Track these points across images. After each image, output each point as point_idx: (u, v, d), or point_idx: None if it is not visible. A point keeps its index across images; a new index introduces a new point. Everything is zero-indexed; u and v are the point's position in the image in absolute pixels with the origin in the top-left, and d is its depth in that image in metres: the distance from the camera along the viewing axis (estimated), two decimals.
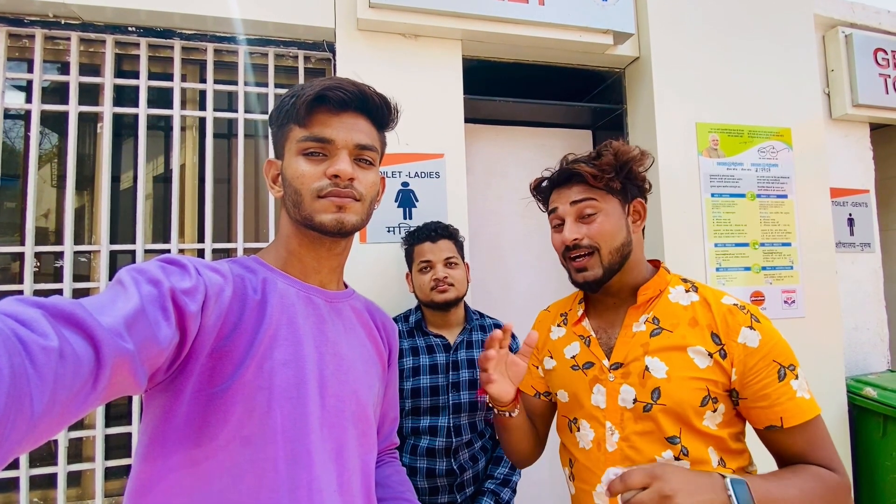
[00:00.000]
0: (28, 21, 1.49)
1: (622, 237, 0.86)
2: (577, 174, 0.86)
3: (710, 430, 0.79)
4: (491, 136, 2.16)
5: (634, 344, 0.85)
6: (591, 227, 0.85)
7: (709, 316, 0.82)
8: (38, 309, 0.40)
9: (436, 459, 1.26)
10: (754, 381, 0.77)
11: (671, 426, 0.79)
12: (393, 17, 1.62)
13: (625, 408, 0.82)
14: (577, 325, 0.95)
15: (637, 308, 0.87)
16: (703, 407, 0.78)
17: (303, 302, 0.70)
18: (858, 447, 1.96)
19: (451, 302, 1.33)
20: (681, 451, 0.78)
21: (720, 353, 0.79)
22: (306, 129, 0.68)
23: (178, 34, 1.60)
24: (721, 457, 0.80)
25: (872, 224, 2.31)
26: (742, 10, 2.01)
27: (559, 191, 0.90)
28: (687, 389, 0.78)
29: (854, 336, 2.20)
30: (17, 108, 1.50)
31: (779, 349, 0.78)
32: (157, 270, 0.54)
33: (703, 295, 0.86)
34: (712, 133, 1.92)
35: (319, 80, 0.69)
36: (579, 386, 0.89)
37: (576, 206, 0.86)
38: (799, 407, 0.76)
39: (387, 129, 0.77)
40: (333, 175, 0.66)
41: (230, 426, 0.59)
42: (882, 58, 2.29)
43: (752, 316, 0.81)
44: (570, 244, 0.86)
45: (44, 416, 0.37)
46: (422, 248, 1.36)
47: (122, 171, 1.63)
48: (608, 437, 0.83)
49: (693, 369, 0.79)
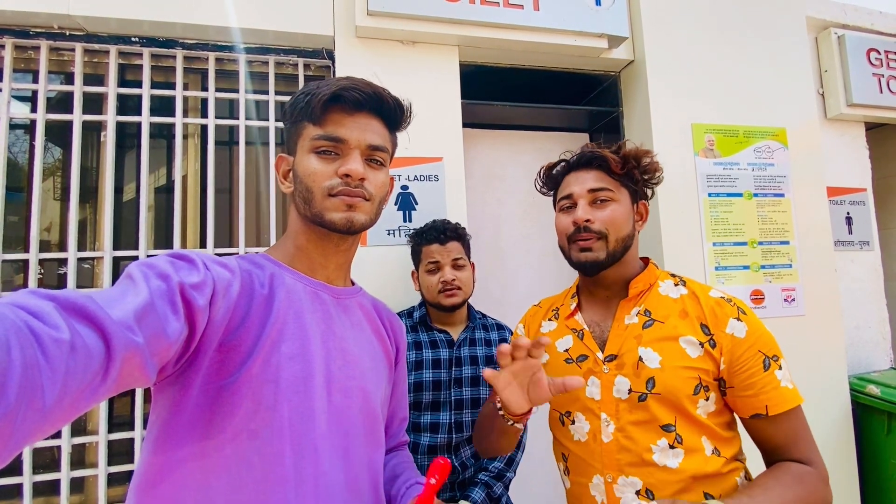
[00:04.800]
0: (33, 32, 1.52)
1: (628, 229, 0.89)
2: (600, 158, 0.89)
3: (703, 419, 0.81)
4: (489, 141, 2.18)
5: (628, 336, 0.86)
6: (604, 213, 0.87)
7: (697, 308, 0.85)
8: (50, 301, 0.41)
9: (437, 456, 1.26)
10: (741, 370, 0.80)
11: (666, 414, 0.81)
12: (391, 24, 1.65)
13: (620, 399, 0.84)
14: (570, 319, 0.96)
15: (629, 301, 0.90)
16: (696, 395, 0.81)
17: (310, 297, 0.71)
18: (863, 446, 1.95)
19: (458, 305, 1.34)
20: (675, 439, 0.80)
21: (710, 343, 0.82)
22: (320, 128, 0.69)
23: (181, 44, 1.63)
24: (715, 446, 0.81)
25: (871, 222, 2.32)
26: (734, 13, 2.04)
27: (577, 174, 0.92)
28: (680, 378, 0.80)
29: (856, 334, 2.19)
30: (23, 118, 1.53)
31: (763, 340, 0.81)
32: (166, 265, 0.55)
33: (692, 288, 0.89)
34: (708, 134, 1.94)
35: (336, 80, 0.70)
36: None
37: (592, 193, 0.89)
38: (783, 396, 0.79)
39: (399, 130, 0.78)
40: (345, 174, 0.67)
41: (238, 419, 0.59)
42: (875, 58, 2.31)
43: (739, 308, 0.84)
44: (582, 224, 0.87)
45: (55, 407, 0.38)
46: (430, 249, 1.36)
47: (125, 179, 1.65)
48: (604, 429, 0.84)
49: (685, 358, 0.81)
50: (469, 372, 1.33)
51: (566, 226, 0.90)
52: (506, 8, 1.72)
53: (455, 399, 1.31)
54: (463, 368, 1.33)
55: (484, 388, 1.33)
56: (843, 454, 1.90)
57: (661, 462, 0.80)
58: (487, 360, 1.36)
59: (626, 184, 0.90)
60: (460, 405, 1.30)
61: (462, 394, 1.31)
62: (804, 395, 0.81)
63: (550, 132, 2.28)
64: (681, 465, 0.79)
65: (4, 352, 0.34)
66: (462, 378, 1.32)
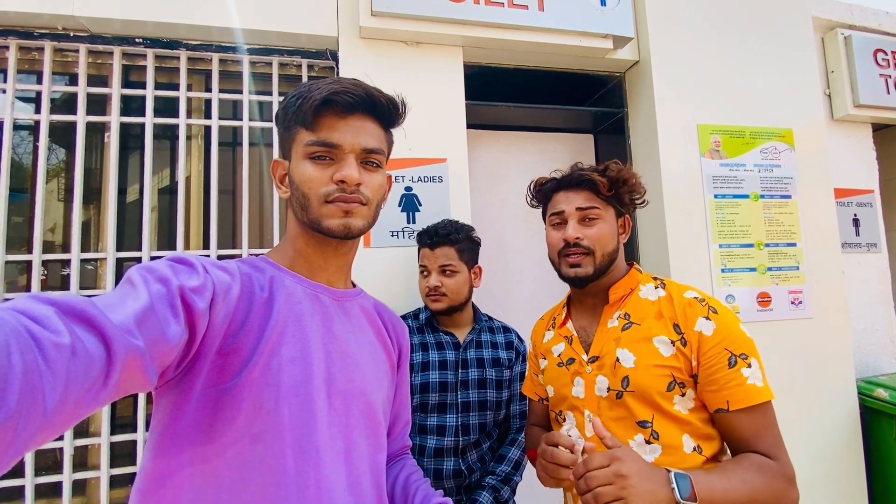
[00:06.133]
0: (37, 34, 1.52)
1: (613, 244, 0.96)
2: (589, 181, 0.95)
3: (683, 415, 0.85)
4: (493, 142, 2.17)
5: (608, 338, 0.93)
6: (592, 231, 0.94)
7: (671, 309, 0.90)
8: (50, 306, 0.40)
9: (443, 459, 1.25)
10: (706, 366, 0.84)
11: (642, 411, 0.86)
12: (395, 24, 1.64)
13: (600, 396, 0.90)
14: (562, 327, 1.04)
15: (611, 306, 0.96)
16: (669, 392, 0.85)
17: (310, 300, 0.70)
18: (871, 450, 1.92)
19: (444, 311, 1.33)
20: (651, 435, 0.85)
21: (681, 342, 0.86)
22: (313, 133, 0.68)
23: (184, 45, 1.63)
24: (697, 443, 0.85)
25: (878, 224, 2.30)
26: (740, 13, 2.02)
27: (567, 194, 0.98)
28: (651, 376, 0.86)
29: (863, 337, 2.17)
30: (27, 119, 1.53)
31: (732, 338, 0.84)
32: (166, 269, 0.54)
33: (669, 290, 0.94)
34: (714, 135, 1.92)
35: (326, 82, 0.69)
36: (563, 380, 0.98)
37: (581, 212, 0.95)
38: (747, 392, 0.81)
39: (394, 128, 0.77)
40: (340, 181, 0.67)
41: (239, 423, 0.59)
42: (882, 58, 2.29)
43: (710, 308, 0.88)
44: (572, 241, 0.94)
45: (56, 412, 0.38)
46: (422, 252, 1.38)
47: (128, 180, 1.65)
48: (586, 424, 0.91)
49: (657, 357, 0.87)
50: (475, 374, 1.32)
51: (556, 242, 0.98)
52: (510, 8, 1.71)
53: (461, 402, 1.30)
54: (469, 371, 1.32)
55: (490, 391, 1.32)
56: (851, 458, 1.88)
57: None
58: (493, 362, 1.35)
59: (612, 203, 0.97)
60: (467, 408, 1.29)
61: (468, 396, 1.30)
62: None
63: (554, 133, 2.27)
64: (657, 461, 0.83)
65: (5, 357, 0.34)
66: (469, 380, 1.31)
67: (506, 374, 1.35)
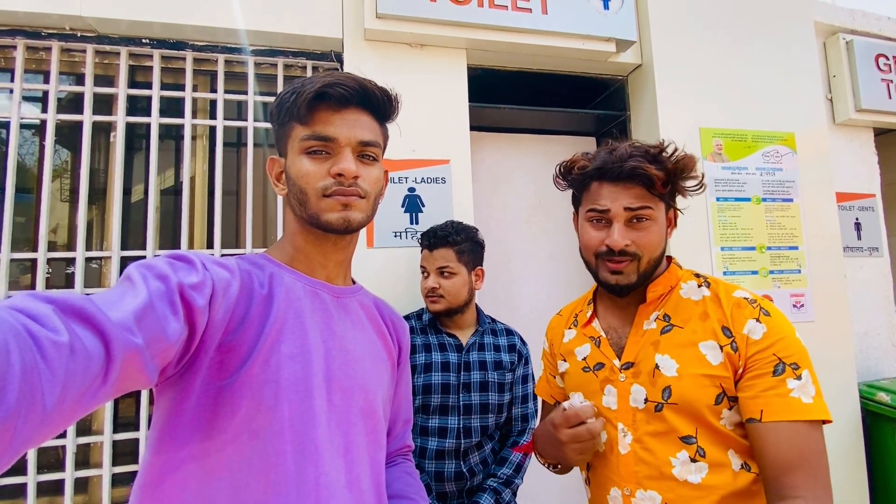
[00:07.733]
0: (45, 34, 1.53)
1: (662, 246, 0.83)
2: (644, 176, 0.78)
3: (727, 430, 0.74)
4: (496, 144, 2.18)
5: (645, 342, 0.82)
6: (641, 235, 0.80)
7: (719, 310, 0.79)
8: (49, 304, 0.40)
9: (445, 461, 1.25)
10: (750, 370, 0.73)
11: (685, 425, 0.75)
12: (399, 27, 1.65)
13: (636, 408, 0.79)
14: (588, 327, 0.92)
15: (647, 306, 0.84)
16: (717, 405, 0.74)
17: (309, 297, 0.70)
18: (873, 454, 1.92)
19: (443, 312, 1.33)
20: (696, 452, 0.75)
21: (731, 346, 0.75)
22: (308, 128, 0.67)
23: (191, 46, 1.64)
24: (744, 460, 0.75)
25: (880, 228, 2.30)
26: (742, 18, 2.03)
27: (612, 188, 0.81)
28: (698, 387, 0.75)
29: (865, 341, 2.17)
30: (33, 118, 1.54)
31: (784, 345, 0.73)
32: (165, 266, 0.54)
33: (715, 290, 0.82)
34: (716, 138, 1.93)
35: (319, 77, 0.69)
36: (591, 387, 0.87)
37: (630, 212, 0.79)
38: (788, 404, 0.69)
39: (389, 121, 0.77)
40: (337, 174, 0.66)
41: (238, 419, 0.59)
42: (884, 63, 2.30)
43: (762, 309, 0.77)
44: (619, 249, 0.79)
45: (55, 410, 0.38)
46: (423, 253, 1.38)
47: (133, 180, 1.66)
48: (620, 440, 0.80)
49: (705, 366, 0.76)
50: (478, 377, 1.32)
51: (596, 244, 0.82)
52: (514, 11, 1.72)
53: (464, 404, 1.29)
54: (472, 373, 1.32)
55: (492, 394, 1.32)
56: (852, 462, 1.88)
57: (681, 476, 0.75)
58: (496, 365, 1.35)
59: (665, 198, 0.82)
60: (469, 410, 1.29)
61: (471, 399, 1.30)
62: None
63: (557, 136, 2.27)
64: (704, 481, 0.73)
65: (4, 356, 0.34)
66: (471, 383, 1.31)
67: (508, 377, 1.35)
